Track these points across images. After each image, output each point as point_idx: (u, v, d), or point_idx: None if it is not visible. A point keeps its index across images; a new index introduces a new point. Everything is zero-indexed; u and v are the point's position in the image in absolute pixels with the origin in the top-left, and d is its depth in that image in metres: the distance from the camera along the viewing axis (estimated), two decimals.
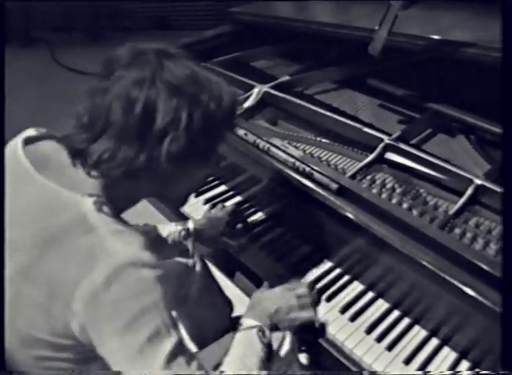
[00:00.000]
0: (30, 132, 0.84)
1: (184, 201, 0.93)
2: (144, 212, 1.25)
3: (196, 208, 1.33)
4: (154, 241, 1.14)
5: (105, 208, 0.73)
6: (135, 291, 0.68)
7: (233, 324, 0.94)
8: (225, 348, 0.86)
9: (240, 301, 1.36)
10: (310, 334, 1.00)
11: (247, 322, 0.91)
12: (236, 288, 1.38)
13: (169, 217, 1.41)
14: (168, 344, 0.70)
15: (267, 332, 0.89)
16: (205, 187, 1.40)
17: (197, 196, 1.37)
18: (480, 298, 0.81)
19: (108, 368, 0.74)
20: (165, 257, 1.14)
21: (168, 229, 1.18)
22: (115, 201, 0.76)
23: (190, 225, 1.19)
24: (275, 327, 0.94)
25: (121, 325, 0.68)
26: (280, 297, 0.97)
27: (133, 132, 0.71)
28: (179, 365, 0.70)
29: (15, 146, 0.80)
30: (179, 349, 0.72)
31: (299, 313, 0.96)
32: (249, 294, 1.23)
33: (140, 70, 0.72)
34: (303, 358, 1.12)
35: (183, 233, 1.17)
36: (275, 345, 0.91)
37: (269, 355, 0.88)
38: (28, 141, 0.81)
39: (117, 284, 0.67)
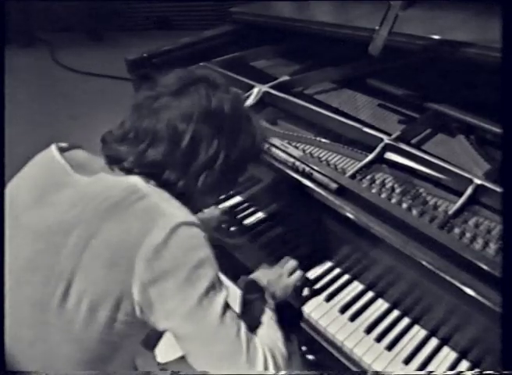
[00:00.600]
0: (60, 144, 0.89)
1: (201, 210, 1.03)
2: None
3: None
4: None
5: (152, 182, 0.80)
6: (191, 246, 0.75)
7: None
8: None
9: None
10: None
11: (250, 297, 0.96)
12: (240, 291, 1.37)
13: None
14: (221, 297, 0.76)
15: (269, 300, 0.95)
16: None
17: None
18: (479, 298, 0.81)
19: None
20: None
21: None
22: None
23: None
24: (273, 297, 0.99)
25: (181, 278, 0.73)
26: (271, 272, 1.03)
27: (177, 161, 0.79)
28: (231, 317, 0.77)
29: (51, 153, 0.86)
30: (228, 304, 0.78)
31: (290, 278, 1.03)
32: None
33: (190, 103, 0.80)
34: None
35: None
36: None
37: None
38: (61, 150, 0.87)
39: (175, 241, 0.73)
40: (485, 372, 0.88)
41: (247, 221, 1.28)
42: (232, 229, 1.27)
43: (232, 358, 0.76)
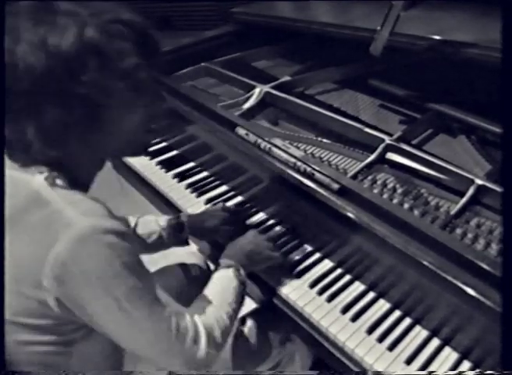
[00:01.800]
0: None
1: (141, 147, 0.89)
2: (142, 210, 1.26)
3: (197, 208, 1.33)
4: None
5: (59, 182, 0.72)
6: (103, 257, 0.69)
7: None
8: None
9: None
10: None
11: (224, 262, 0.98)
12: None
13: (168, 215, 1.40)
14: (146, 299, 0.74)
15: (242, 271, 0.97)
16: (206, 188, 1.40)
17: (198, 196, 1.37)
18: (481, 298, 0.81)
19: (92, 348, 0.80)
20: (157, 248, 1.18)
21: (162, 221, 1.18)
22: (69, 173, 0.75)
23: (184, 217, 1.20)
24: (250, 267, 1.02)
25: (97, 290, 0.69)
26: (253, 239, 1.07)
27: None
28: (160, 313, 0.75)
29: None
30: (156, 299, 0.76)
31: (272, 253, 1.07)
32: (253, 297, 1.24)
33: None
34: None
35: (176, 224, 1.18)
36: None
37: (243, 293, 0.96)
38: None
39: (83, 253, 0.67)
40: (485, 372, 0.88)
41: (249, 221, 1.28)
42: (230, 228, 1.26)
43: (166, 353, 0.77)
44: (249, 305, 1.30)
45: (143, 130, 0.80)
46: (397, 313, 1.00)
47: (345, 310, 1.01)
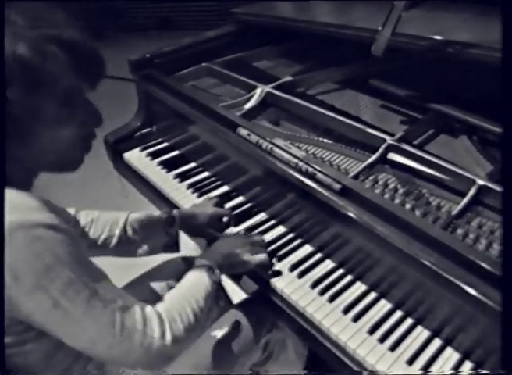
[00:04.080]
0: None
1: (72, 165, 0.83)
2: (142, 209, 1.26)
3: None
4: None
5: None
6: (30, 251, 0.66)
7: None
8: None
9: None
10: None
11: (198, 261, 0.98)
12: (244, 293, 1.38)
13: None
14: (83, 292, 0.70)
15: (216, 271, 0.96)
16: (208, 188, 1.41)
17: (199, 196, 1.37)
18: (482, 298, 0.81)
19: (52, 346, 0.78)
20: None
21: (154, 216, 1.18)
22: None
23: (176, 213, 1.20)
24: (227, 269, 1.02)
25: (26, 287, 0.67)
26: (234, 241, 1.07)
27: None
28: (100, 307, 0.72)
29: None
30: (99, 299, 0.72)
31: (252, 257, 1.06)
32: (244, 288, 1.24)
33: None
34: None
35: (168, 220, 1.18)
36: None
37: (217, 294, 0.94)
38: None
39: (9, 250, 0.65)
40: (481, 371, 0.88)
41: (250, 222, 1.28)
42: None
43: (112, 350, 0.73)
44: (240, 295, 1.31)
45: (74, 147, 0.79)
46: (399, 313, 1.00)
47: (346, 310, 1.01)
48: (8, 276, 0.66)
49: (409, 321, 0.99)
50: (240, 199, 1.36)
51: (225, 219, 1.26)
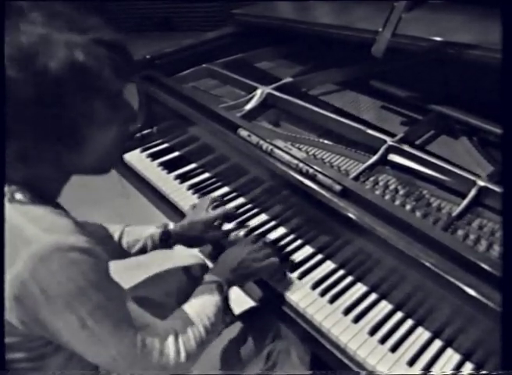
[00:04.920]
0: None
1: (109, 165, 0.85)
2: (144, 212, 1.26)
3: None
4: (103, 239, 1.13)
5: (19, 196, 0.70)
6: (65, 275, 0.66)
7: None
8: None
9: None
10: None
11: (208, 277, 0.98)
12: (247, 296, 1.37)
13: (169, 216, 1.41)
14: (111, 317, 0.72)
15: (225, 287, 0.96)
16: (208, 189, 1.41)
17: (200, 197, 1.37)
18: (483, 300, 0.81)
19: (66, 359, 0.80)
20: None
21: (149, 231, 1.17)
22: (33, 188, 0.73)
23: (171, 226, 1.20)
24: (237, 281, 1.02)
25: (57, 309, 0.68)
26: (241, 251, 1.04)
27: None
28: (126, 329, 0.74)
29: None
30: (124, 321, 0.74)
31: (260, 265, 1.04)
32: (252, 296, 1.23)
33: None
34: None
35: (163, 235, 1.17)
36: None
37: (225, 309, 0.95)
38: None
39: (44, 272, 0.65)
40: (481, 372, 0.88)
41: (250, 223, 1.28)
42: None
43: (131, 368, 0.77)
44: (247, 303, 1.30)
45: (113, 148, 0.79)
46: (399, 315, 1.00)
47: (347, 311, 1.01)
48: (39, 296, 0.66)
49: (409, 322, 0.99)
50: (241, 200, 1.36)
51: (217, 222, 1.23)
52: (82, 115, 0.68)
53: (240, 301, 1.33)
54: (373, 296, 1.05)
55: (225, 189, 1.40)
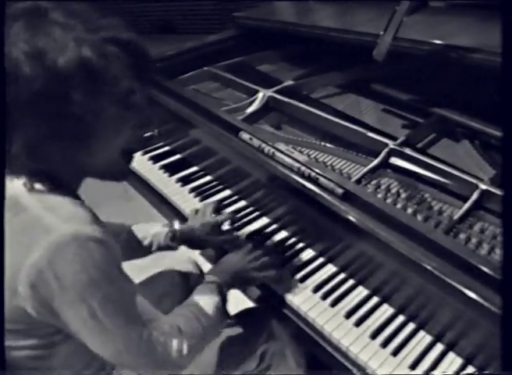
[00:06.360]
0: None
1: (122, 170, 0.86)
2: (145, 214, 1.26)
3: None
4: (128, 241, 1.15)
5: (38, 186, 0.71)
6: (80, 265, 0.67)
7: None
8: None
9: None
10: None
11: (208, 277, 0.99)
12: (250, 301, 1.37)
13: (170, 219, 1.41)
14: (121, 310, 0.74)
15: (224, 289, 0.97)
16: (210, 192, 1.41)
17: (202, 200, 1.38)
18: (485, 303, 0.81)
19: (74, 349, 0.81)
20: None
21: (155, 229, 1.18)
22: (51, 178, 0.74)
23: (176, 226, 1.20)
24: (236, 285, 1.05)
25: (70, 297, 0.69)
26: (241, 259, 1.05)
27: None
28: (134, 323, 0.76)
29: None
30: (133, 315, 0.77)
31: (258, 274, 1.05)
32: (249, 295, 1.23)
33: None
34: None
35: (169, 234, 1.17)
36: None
37: (223, 310, 0.97)
38: None
39: (61, 260, 0.66)
40: (482, 372, 0.88)
41: (252, 226, 1.28)
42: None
43: (136, 361, 0.79)
44: (245, 303, 1.30)
45: (126, 151, 0.79)
46: (401, 318, 1.00)
47: (349, 315, 1.01)
48: (54, 284, 0.67)
49: (411, 326, 0.99)
50: (242, 203, 1.36)
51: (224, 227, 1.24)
52: (89, 112, 0.67)
53: (238, 301, 1.33)
54: (374, 299, 1.05)
55: (227, 192, 1.41)
